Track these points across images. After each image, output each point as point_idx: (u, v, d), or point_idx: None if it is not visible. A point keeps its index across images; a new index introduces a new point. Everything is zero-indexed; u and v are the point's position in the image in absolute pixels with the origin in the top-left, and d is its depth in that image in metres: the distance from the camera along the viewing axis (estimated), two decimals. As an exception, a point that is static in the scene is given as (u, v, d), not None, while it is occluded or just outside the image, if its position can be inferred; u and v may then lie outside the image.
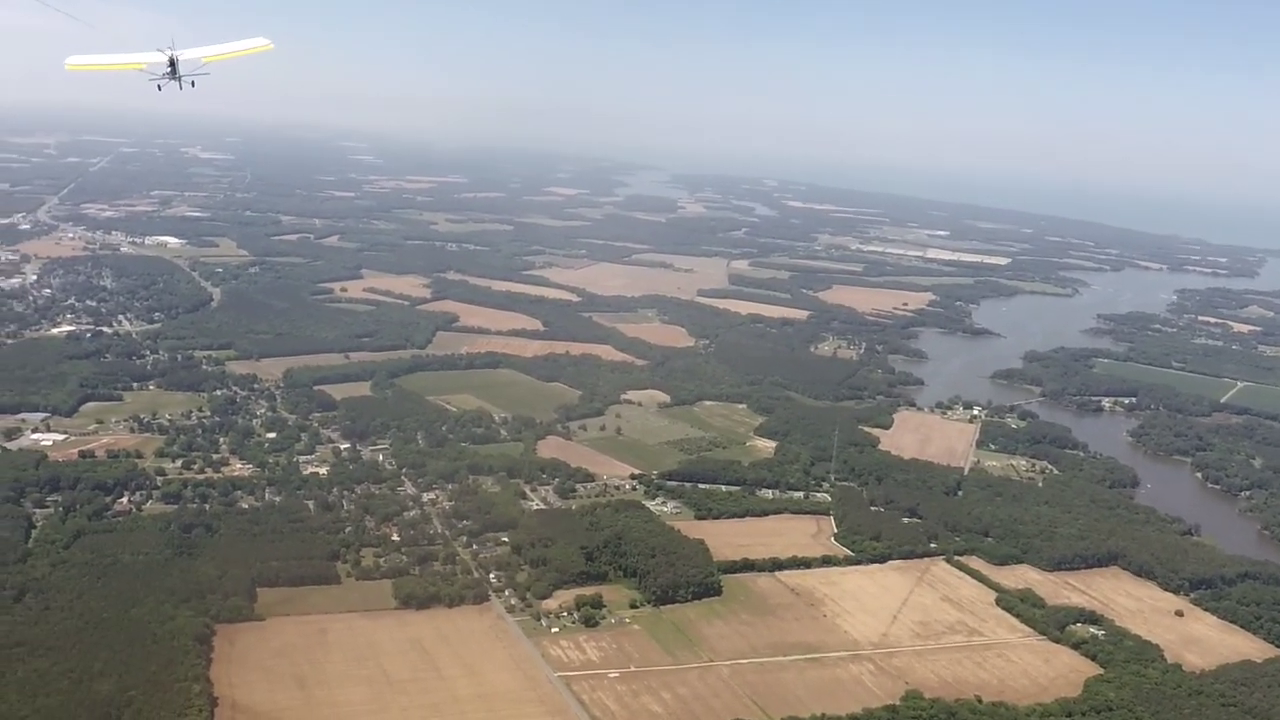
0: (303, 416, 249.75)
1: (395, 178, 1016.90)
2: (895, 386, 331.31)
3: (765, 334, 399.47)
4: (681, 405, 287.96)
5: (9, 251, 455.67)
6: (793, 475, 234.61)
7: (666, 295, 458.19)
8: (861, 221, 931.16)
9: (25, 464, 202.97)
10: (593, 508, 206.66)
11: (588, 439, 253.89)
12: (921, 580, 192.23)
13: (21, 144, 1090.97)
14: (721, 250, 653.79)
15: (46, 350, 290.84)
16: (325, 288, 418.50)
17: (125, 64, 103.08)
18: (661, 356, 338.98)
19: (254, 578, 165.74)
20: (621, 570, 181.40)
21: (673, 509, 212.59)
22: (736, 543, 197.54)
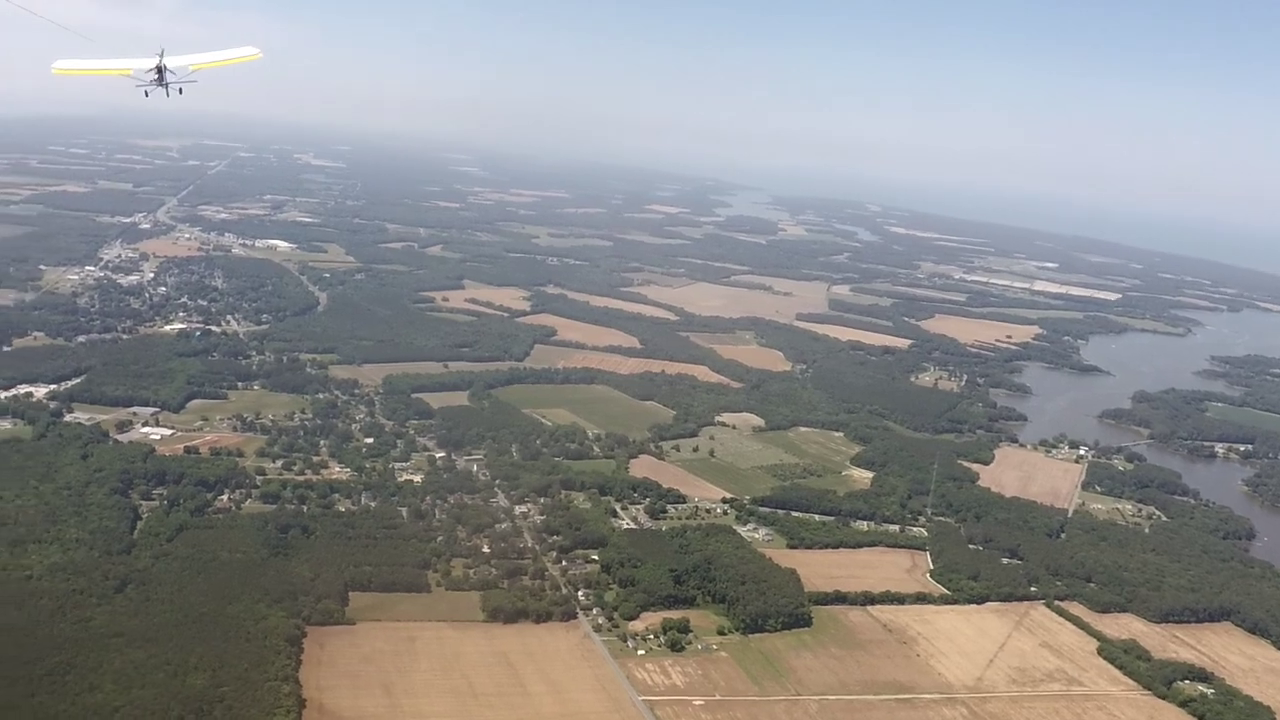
0: (400, 423, 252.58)
1: (499, 190, 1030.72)
2: (997, 421, 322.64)
3: (864, 361, 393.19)
4: (776, 430, 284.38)
5: (129, 249, 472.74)
6: (889, 507, 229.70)
7: (765, 318, 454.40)
8: (966, 250, 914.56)
9: (134, 457, 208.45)
10: (683, 530, 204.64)
11: (680, 459, 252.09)
12: (1020, 624, 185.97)
13: (146, 146, 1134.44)
14: (822, 274, 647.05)
15: (159, 346, 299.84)
16: (427, 296, 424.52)
17: (112, 69, 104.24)
18: (758, 379, 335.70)
19: (346, 581, 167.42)
20: (710, 595, 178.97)
21: (764, 536, 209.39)
22: (828, 574, 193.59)
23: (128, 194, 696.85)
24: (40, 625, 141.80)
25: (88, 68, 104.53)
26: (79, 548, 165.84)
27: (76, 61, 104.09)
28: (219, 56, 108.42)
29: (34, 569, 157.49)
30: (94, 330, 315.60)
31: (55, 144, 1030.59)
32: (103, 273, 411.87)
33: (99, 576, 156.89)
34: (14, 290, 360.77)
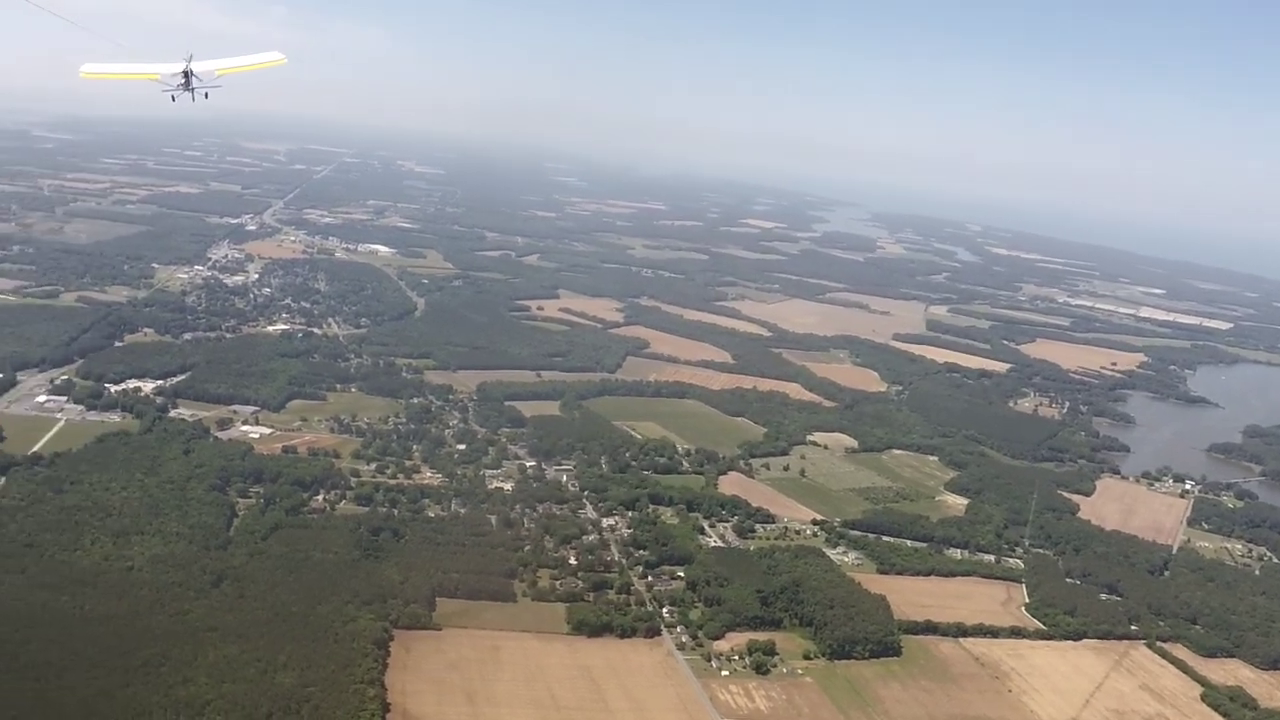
0: (492, 431, 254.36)
1: (596, 201, 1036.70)
2: (1099, 451, 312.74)
3: (962, 384, 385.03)
4: (869, 452, 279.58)
5: (236, 250, 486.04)
6: (983, 536, 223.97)
7: (860, 336, 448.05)
8: (1070, 273, 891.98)
9: (233, 454, 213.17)
10: (771, 550, 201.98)
11: (770, 478, 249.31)
12: (1119, 664, 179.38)
13: (254, 149, 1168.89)
14: (920, 294, 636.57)
15: (261, 346, 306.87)
16: (522, 305, 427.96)
17: (140, 74, 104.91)
18: (851, 399, 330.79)
19: (434, 587, 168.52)
20: (797, 618, 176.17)
21: (854, 560, 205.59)
22: (919, 602, 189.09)
23: (236, 196, 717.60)
24: (139, 616, 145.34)
25: (116, 72, 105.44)
26: (179, 541, 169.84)
27: (105, 65, 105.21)
28: (245, 61, 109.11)
29: (135, 560, 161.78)
30: (200, 328, 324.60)
31: (170, 146, 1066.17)
32: (210, 272, 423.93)
33: (196, 571, 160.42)
34: (127, 287, 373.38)
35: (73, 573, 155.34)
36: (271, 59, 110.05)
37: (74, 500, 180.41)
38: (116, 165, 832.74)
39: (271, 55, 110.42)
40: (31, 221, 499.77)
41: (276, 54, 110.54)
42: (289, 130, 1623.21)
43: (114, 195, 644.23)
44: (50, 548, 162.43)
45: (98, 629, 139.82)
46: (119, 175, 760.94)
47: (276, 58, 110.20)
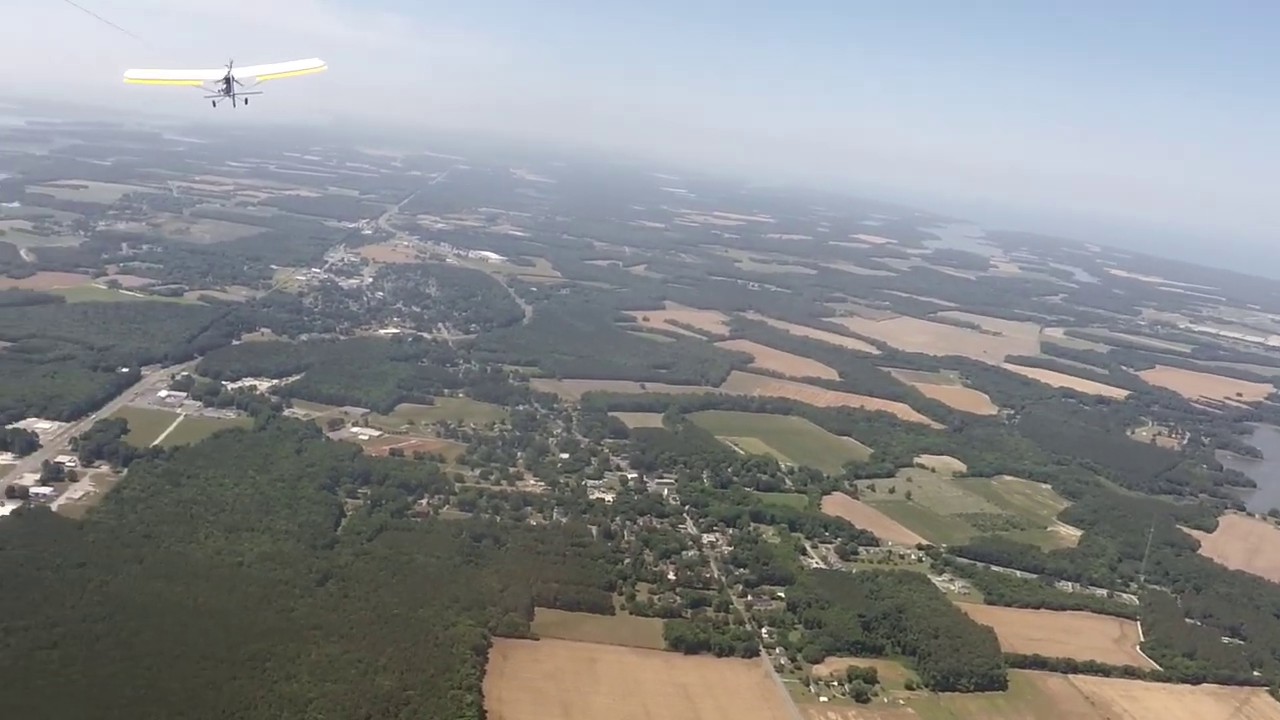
0: (595, 441, 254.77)
1: (704, 212, 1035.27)
2: (1222, 485, 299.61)
3: (1077, 410, 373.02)
4: (978, 477, 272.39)
5: (352, 254, 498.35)
6: (1097, 570, 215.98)
7: (971, 357, 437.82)
8: (1194, 298, 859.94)
9: (343, 455, 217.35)
10: (874, 574, 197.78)
11: (875, 500, 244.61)
12: (1239, 711, 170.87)
13: (372, 155, 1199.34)
14: (1034, 315, 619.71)
15: (373, 349, 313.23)
16: (629, 315, 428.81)
17: (183, 80, 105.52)
18: (961, 422, 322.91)
19: (533, 596, 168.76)
20: (900, 646, 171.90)
21: (960, 588, 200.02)
22: (1028, 635, 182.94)
23: (354, 200, 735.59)
24: (247, 610, 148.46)
25: (160, 78, 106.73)
26: (287, 539, 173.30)
27: (149, 71, 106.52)
28: (285, 68, 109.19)
29: (245, 556, 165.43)
30: (315, 329, 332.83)
31: (292, 150, 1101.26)
32: (327, 275, 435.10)
33: (303, 569, 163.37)
34: (247, 287, 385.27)
35: (186, 565, 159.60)
36: (312, 65, 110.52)
37: (190, 494, 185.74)
38: (241, 168, 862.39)
39: (312, 62, 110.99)
40: (161, 221, 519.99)
41: (317, 60, 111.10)
42: (406, 137, 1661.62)
43: (237, 197, 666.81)
44: (167, 539, 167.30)
45: (208, 622, 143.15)
46: (243, 178, 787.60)
47: (317, 64, 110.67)
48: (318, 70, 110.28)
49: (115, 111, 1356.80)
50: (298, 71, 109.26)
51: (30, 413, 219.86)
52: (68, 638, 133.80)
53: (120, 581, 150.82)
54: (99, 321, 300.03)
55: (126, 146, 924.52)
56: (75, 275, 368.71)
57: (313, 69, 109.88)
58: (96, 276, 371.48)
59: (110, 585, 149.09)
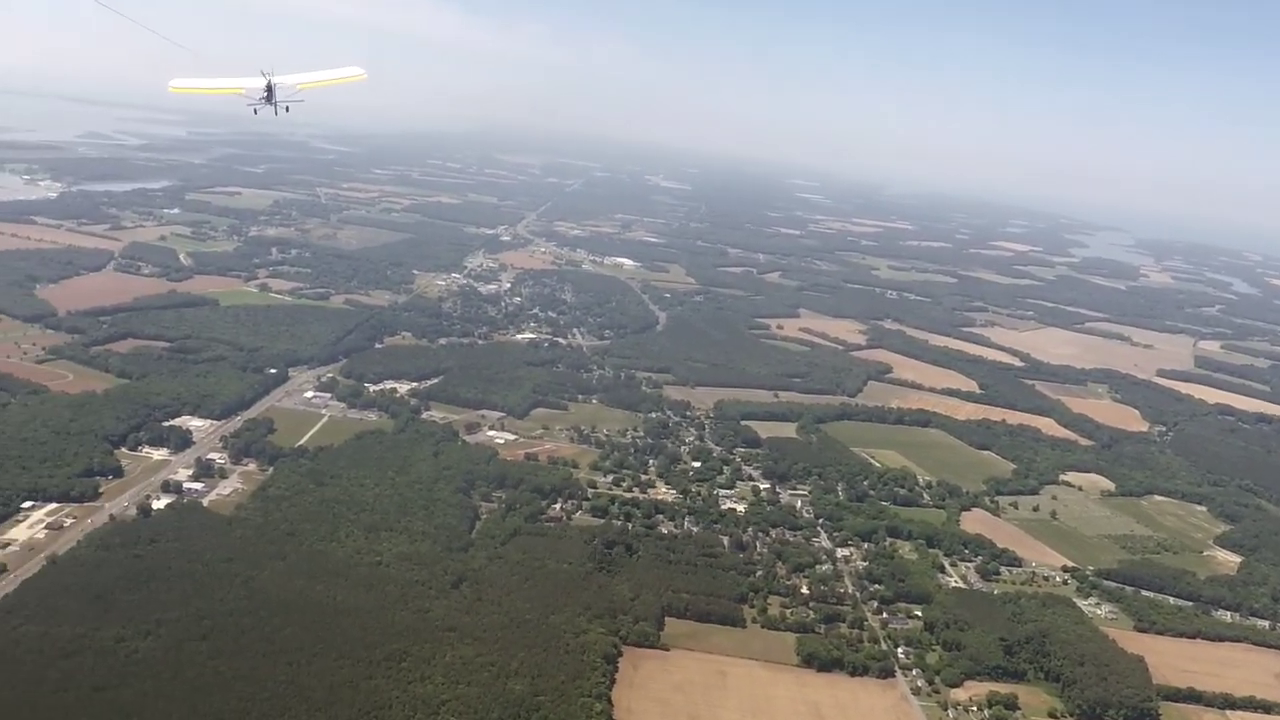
0: (727, 450, 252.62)
1: (841, 219, 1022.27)
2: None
3: (1235, 429, 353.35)
4: (1127, 496, 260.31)
5: (490, 260, 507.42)
6: (1258, 599, 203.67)
7: (1120, 371, 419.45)
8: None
9: (479, 458, 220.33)
10: (1017, 596, 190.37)
11: (1017, 518, 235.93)
12: None
13: (510, 162, 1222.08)
14: (1188, 327, 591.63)
15: (510, 354, 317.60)
16: (762, 323, 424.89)
17: (226, 88, 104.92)
18: (1109, 438, 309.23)
19: (664, 606, 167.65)
20: (1043, 672, 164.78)
21: (1108, 613, 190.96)
22: (1181, 667, 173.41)
23: (492, 207, 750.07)
24: (385, 610, 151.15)
25: (203, 86, 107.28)
26: (424, 540, 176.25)
27: (193, 80, 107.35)
28: (325, 76, 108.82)
29: (384, 556, 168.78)
30: (454, 334, 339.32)
31: (434, 158, 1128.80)
32: (466, 280, 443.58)
33: (439, 571, 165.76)
34: (389, 292, 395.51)
35: (327, 563, 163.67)
36: (352, 74, 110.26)
37: (332, 494, 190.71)
38: (385, 175, 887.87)
39: (353, 70, 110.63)
40: (309, 227, 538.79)
41: (358, 69, 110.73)
42: (544, 143, 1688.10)
43: (382, 204, 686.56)
44: (309, 538, 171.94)
45: (346, 620, 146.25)
46: (387, 185, 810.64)
47: (357, 73, 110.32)
48: (358, 79, 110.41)
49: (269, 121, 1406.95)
50: (338, 80, 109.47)
51: (185, 411, 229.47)
52: (216, 630, 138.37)
53: (265, 577, 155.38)
54: (250, 324, 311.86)
55: (278, 155, 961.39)
56: (229, 279, 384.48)
57: (353, 78, 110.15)
58: (248, 280, 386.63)
59: (256, 581, 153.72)
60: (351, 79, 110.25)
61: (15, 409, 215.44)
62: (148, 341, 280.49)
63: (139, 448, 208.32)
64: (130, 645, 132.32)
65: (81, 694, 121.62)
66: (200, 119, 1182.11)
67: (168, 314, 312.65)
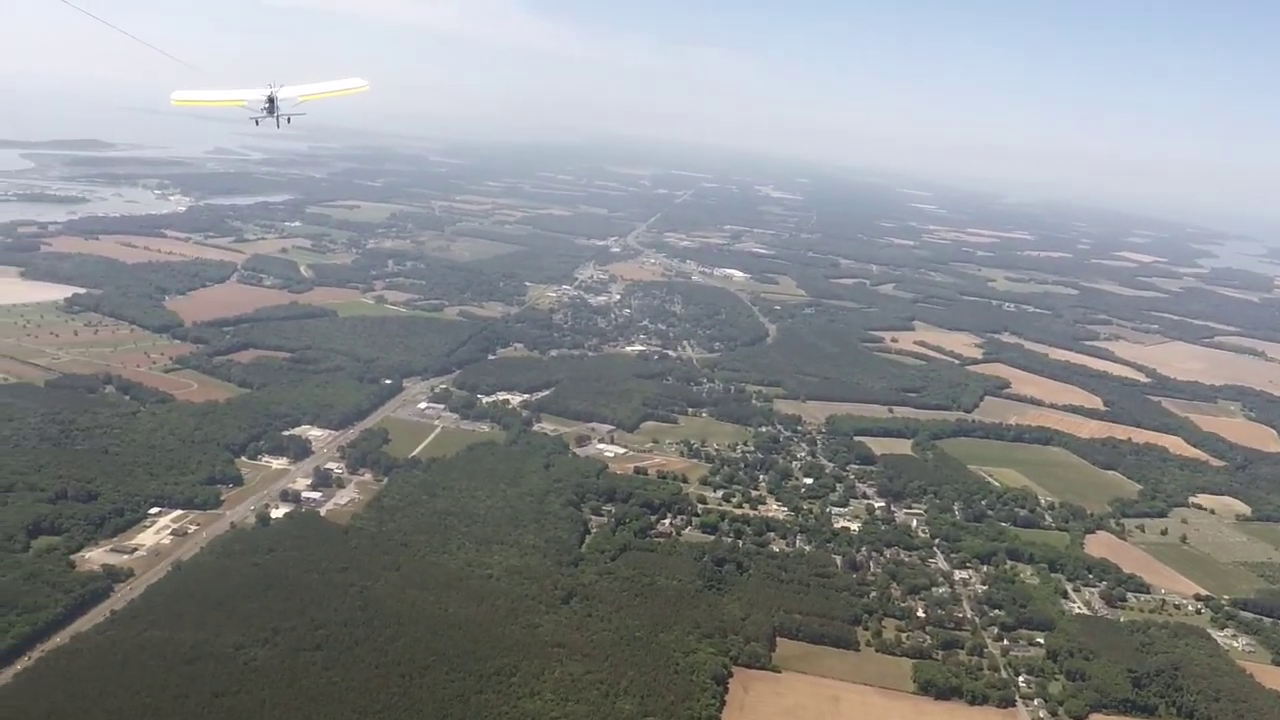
0: (840, 466, 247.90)
1: (956, 229, 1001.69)
2: None
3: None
4: (1265, 521, 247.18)
5: (600, 271, 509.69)
6: None
7: (1254, 388, 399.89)
8: None
9: (589, 471, 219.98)
10: (1145, 625, 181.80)
11: (1145, 542, 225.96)
12: None
13: (621, 174, 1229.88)
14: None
15: (619, 366, 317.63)
16: (875, 336, 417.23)
17: (228, 100, 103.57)
18: (1243, 459, 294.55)
19: (775, 626, 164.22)
20: (1175, 707, 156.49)
21: (1245, 646, 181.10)
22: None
23: (603, 218, 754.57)
24: (495, 624, 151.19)
25: (205, 99, 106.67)
26: (534, 554, 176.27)
27: (194, 92, 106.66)
28: (328, 88, 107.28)
29: (494, 569, 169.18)
30: (565, 345, 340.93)
31: (545, 170, 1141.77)
32: (576, 292, 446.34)
33: (549, 585, 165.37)
34: (502, 304, 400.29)
35: (439, 575, 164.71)
36: (355, 86, 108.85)
37: (445, 505, 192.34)
38: (497, 188, 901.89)
39: (355, 82, 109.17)
40: (424, 240, 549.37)
41: (359, 80, 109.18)
42: (654, 155, 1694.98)
43: (494, 216, 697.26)
44: (422, 549, 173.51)
45: (458, 633, 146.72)
46: (499, 197, 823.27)
47: (360, 85, 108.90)
48: (360, 90, 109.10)
49: (385, 135, 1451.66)
50: (340, 92, 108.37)
51: (304, 420, 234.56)
52: (330, 640, 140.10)
53: (379, 588, 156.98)
54: (366, 335, 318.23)
55: (395, 168, 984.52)
56: (347, 290, 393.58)
57: (355, 89, 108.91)
58: (365, 292, 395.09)
59: (370, 591, 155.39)
60: (354, 90, 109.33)
61: (144, 417, 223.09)
62: (269, 352, 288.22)
63: (259, 457, 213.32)
64: (249, 653, 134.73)
65: (202, 700, 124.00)
66: (321, 134, 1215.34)
67: (288, 325, 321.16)
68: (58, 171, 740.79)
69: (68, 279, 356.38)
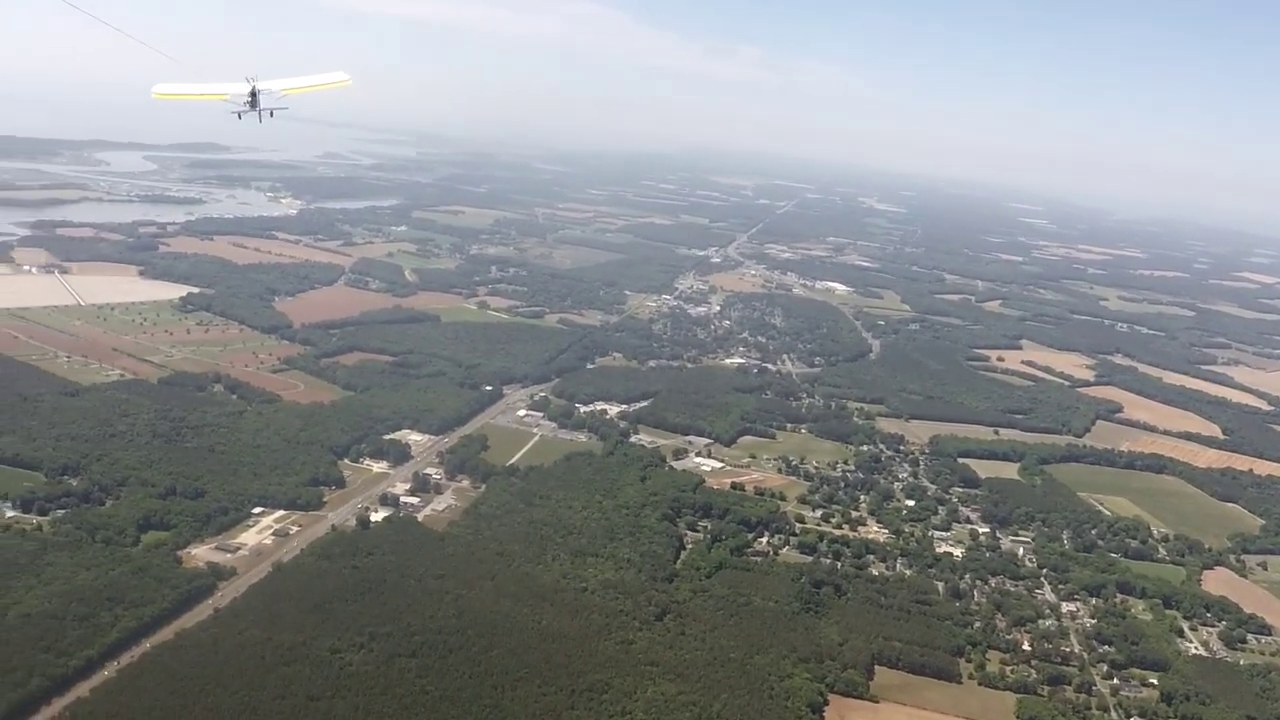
0: (943, 489, 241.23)
1: (1066, 245, 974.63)
2: None
3: None
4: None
5: (700, 282, 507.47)
6: None
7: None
8: None
9: (686, 485, 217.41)
10: (1266, 669, 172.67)
11: (1268, 580, 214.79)
12: None
13: (723, 184, 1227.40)
14: None
15: (718, 379, 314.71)
16: (981, 354, 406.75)
17: (209, 94, 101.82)
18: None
19: (874, 654, 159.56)
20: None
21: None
22: None
23: (704, 228, 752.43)
24: (589, 639, 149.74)
25: (186, 93, 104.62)
26: (629, 568, 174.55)
27: (175, 86, 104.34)
28: (310, 82, 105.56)
29: (589, 582, 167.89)
30: (663, 356, 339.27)
31: (647, 179, 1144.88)
32: (676, 302, 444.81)
33: (643, 601, 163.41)
34: (601, 312, 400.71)
35: (534, 586, 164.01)
36: (337, 80, 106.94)
37: (541, 515, 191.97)
38: (600, 196, 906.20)
39: (337, 76, 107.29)
40: (527, 246, 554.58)
41: (342, 74, 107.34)
42: (757, 165, 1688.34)
43: (596, 224, 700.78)
44: (517, 559, 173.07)
45: (551, 646, 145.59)
46: (601, 205, 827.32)
47: (342, 79, 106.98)
48: (343, 85, 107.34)
49: (491, 142, 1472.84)
50: (324, 86, 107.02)
51: (405, 425, 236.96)
52: (425, 648, 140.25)
53: (474, 597, 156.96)
54: (468, 340, 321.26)
55: (499, 175, 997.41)
56: (450, 295, 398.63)
57: (338, 84, 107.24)
58: (468, 297, 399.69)
59: (465, 600, 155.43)
60: (337, 85, 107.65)
61: (251, 417, 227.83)
62: (373, 355, 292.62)
63: (360, 459, 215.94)
64: (345, 657, 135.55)
65: (297, 702, 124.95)
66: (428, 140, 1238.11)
67: (392, 329, 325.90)
68: (178, 173, 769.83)
69: (183, 278, 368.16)
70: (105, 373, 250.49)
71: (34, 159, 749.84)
